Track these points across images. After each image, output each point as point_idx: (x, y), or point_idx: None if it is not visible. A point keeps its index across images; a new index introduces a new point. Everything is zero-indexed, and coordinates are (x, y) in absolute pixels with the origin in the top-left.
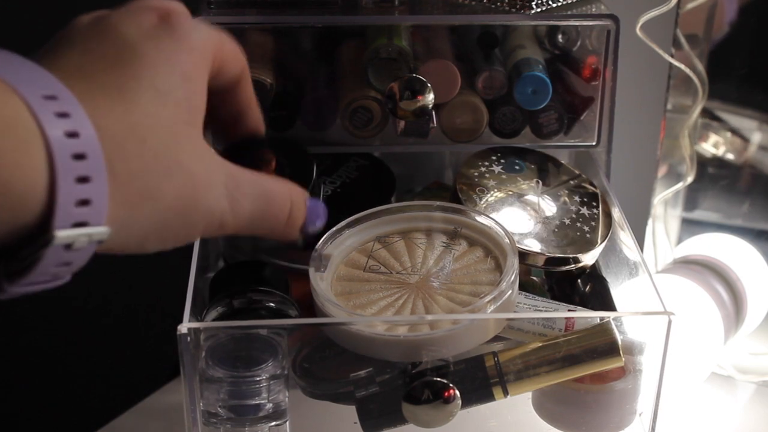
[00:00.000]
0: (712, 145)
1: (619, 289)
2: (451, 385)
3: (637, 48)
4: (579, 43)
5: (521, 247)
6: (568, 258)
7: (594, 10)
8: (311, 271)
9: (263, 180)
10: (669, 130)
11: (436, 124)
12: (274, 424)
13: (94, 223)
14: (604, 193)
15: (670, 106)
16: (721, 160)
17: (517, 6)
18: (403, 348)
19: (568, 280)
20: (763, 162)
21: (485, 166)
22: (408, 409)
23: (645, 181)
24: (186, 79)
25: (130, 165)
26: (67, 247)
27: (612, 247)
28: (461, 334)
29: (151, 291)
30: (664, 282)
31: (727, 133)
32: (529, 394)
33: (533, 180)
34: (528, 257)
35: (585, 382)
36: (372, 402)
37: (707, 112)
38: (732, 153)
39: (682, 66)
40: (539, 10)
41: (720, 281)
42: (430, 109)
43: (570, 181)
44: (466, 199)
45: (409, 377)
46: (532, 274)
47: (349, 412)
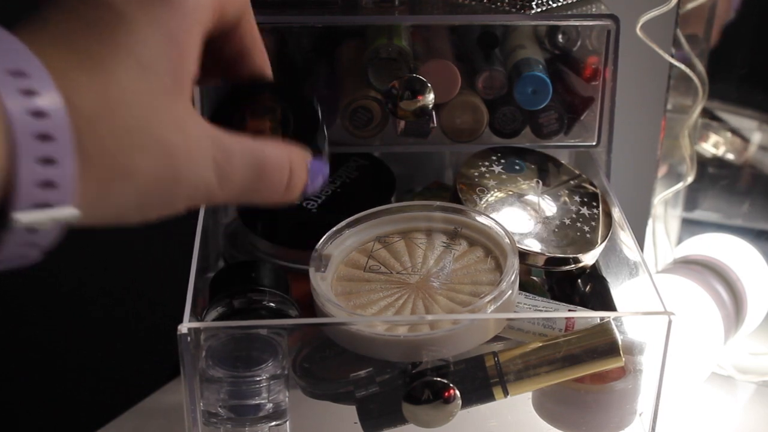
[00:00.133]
0: (712, 145)
1: (619, 289)
2: (451, 385)
3: (637, 48)
4: (579, 43)
5: (521, 247)
6: (568, 258)
7: (594, 10)
8: (311, 271)
9: (259, 147)
10: (669, 130)
11: (436, 124)
12: (274, 424)
13: (60, 204)
14: (604, 193)
15: (670, 106)
16: (721, 160)
17: (517, 6)
18: (403, 348)
19: (568, 280)
20: (763, 162)
21: (485, 166)
22: (408, 409)
23: (645, 181)
24: (174, 45)
25: (102, 143)
26: (32, 229)
27: (612, 247)
28: (461, 334)
29: (151, 291)
30: (664, 282)
31: (727, 133)
32: (529, 394)
33: (533, 180)
34: (528, 257)
35: (585, 382)
36: (372, 402)
37: (707, 112)
38: (732, 153)
39: (682, 66)
40: (539, 10)
41: (720, 281)
42: (430, 109)
43: (570, 181)
44: (466, 199)
45: (409, 377)
46: (532, 274)
47: (349, 412)
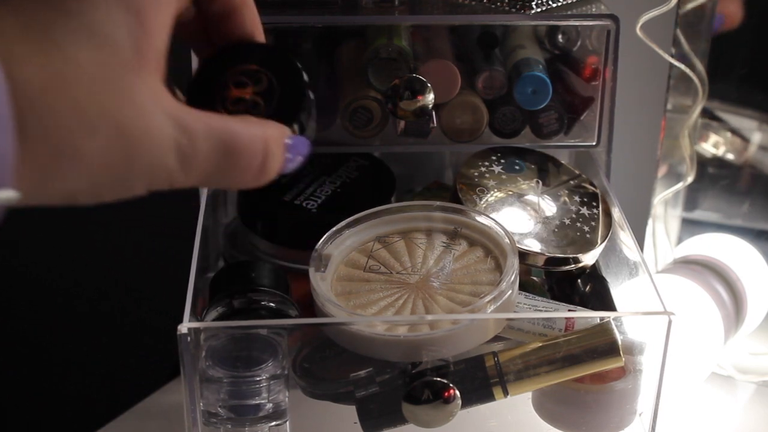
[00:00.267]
0: (712, 145)
1: (619, 289)
2: (451, 385)
3: (637, 48)
4: (579, 43)
5: (521, 247)
6: (568, 258)
7: (594, 10)
8: (311, 271)
9: (228, 128)
10: (669, 130)
11: (436, 124)
12: (274, 424)
13: None
14: (604, 193)
15: (670, 106)
16: (721, 160)
17: (517, 6)
18: (403, 348)
19: (568, 280)
20: (763, 162)
21: (485, 166)
22: (408, 409)
23: (645, 181)
24: (136, 17)
25: (47, 121)
26: None
27: (612, 247)
28: (461, 334)
29: (151, 291)
30: (664, 282)
31: (727, 133)
32: (529, 394)
33: (533, 180)
34: (528, 257)
35: (585, 382)
36: (372, 402)
37: (707, 112)
38: (732, 153)
39: (682, 66)
40: (539, 10)
41: (720, 281)
42: (430, 109)
43: (570, 181)
44: (466, 199)
45: (409, 377)
46: (532, 274)
47: (349, 412)
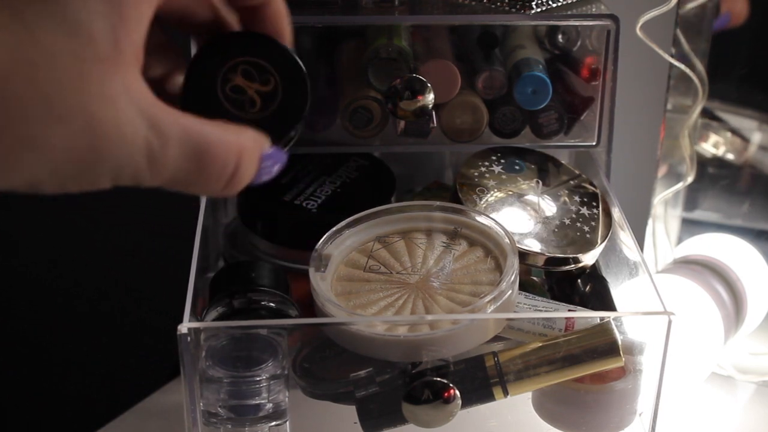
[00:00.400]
0: (712, 145)
1: (619, 289)
2: (451, 385)
3: (637, 48)
4: (579, 43)
5: (521, 247)
6: (568, 258)
7: (594, 10)
8: (311, 271)
9: (204, 134)
10: (669, 130)
11: (436, 124)
12: (274, 424)
13: None
14: (604, 193)
15: (670, 106)
16: (721, 160)
17: (517, 6)
18: (403, 348)
19: (568, 280)
20: (763, 162)
21: (485, 166)
22: (408, 409)
23: (645, 181)
24: (115, 4)
25: (10, 110)
26: None
27: (612, 247)
28: (461, 334)
29: (151, 291)
30: (664, 282)
31: (727, 133)
32: (529, 394)
33: (533, 180)
34: (528, 257)
35: (585, 382)
36: (372, 402)
37: (707, 112)
38: (732, 153)
39: (682, 66)
40: (539, 10)
41: (720, 281)
42: (430, 109)
43: (570, 181)
44: (466, 199)
45: (409, 377)
46: (532, 274)
47: (349, 412)
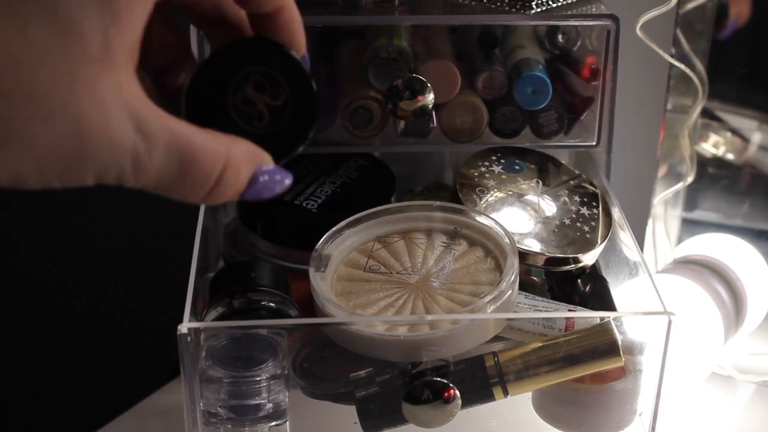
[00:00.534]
0: (712, 145)
1: (619, 289)
2: (451, 385)
3: (637, 48)
4: (579, 43)
5: (521, 247)
6: (568, 258)
7: (594, 10)
8: (311, 271)
9: (192, 143)
10: (669, 130)
11: (436, 124)
12: (274, 424)
13: None
14: (604, 193)
15: (670, 106)
16: (721, 160)
17: (517, 6)
18: (403, 348)
19: (568, 280)
20: (763, 162)
21: (485, 166)
22: (408, 409)
23: (645, 181)
24: (108, 3)
25: None
26: None
27: (612, 247)
28: (461, 334)
29: (151, 291)
30: (664, 282)
31: (727, 133)
32: (529, 394)
33: (533, 180)
34: (528, 257)
35: (585, 382)
36: (372, 402)
37: (707, 112)
38: (732, 153)
39: (682, 66)
40: (539, 10)
41: (720, 281)
42: (430, 109)
43: (570, 181)
44: (466, 199)
45: (409, 377)
46: (532, 274)
47: (349, 412)
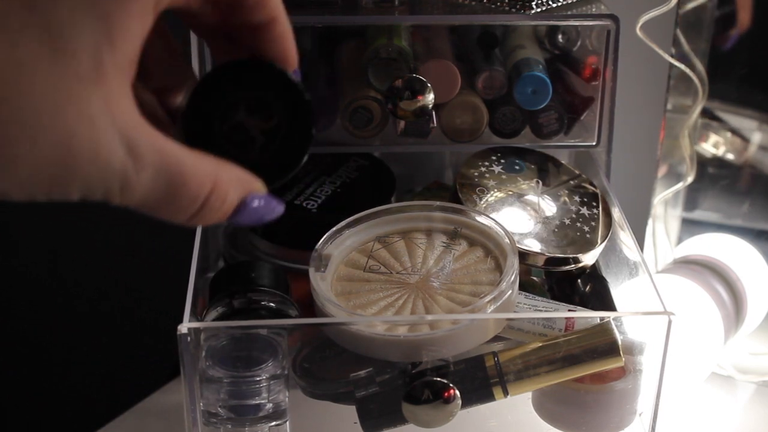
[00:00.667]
0: (712, 145)
1: (619, 289)
2: (451, 385)
3: (637, 48)
4: (579, 43)
5: (521, 247)
6: (568, 258)
7: (594, 10)
8: (311, 271)
9: (181, 165)
10: (669, 130)
11: (436, 124)
12: (274, 424)
13: None
14: (604, 193)
15: (670, 106)
16: (721, 160)
17: (517, 6)
18: (403, 348)
19: (568, 280)
20: (763, 162)
21: (485, 166)
22: (408, 409)
23: (645, 181)
24: (103, 21)
25: None
26: None
27: (612, 247)
28: (461, 334)
29: (151, 291)
30: (664, 282)
31: (727, 133)
32: (529, 394)
33: (533, 180)
34: (528, 257)
35: (585, 382)
36: (372, 402)
37: (707, 112)
38: (732, 153)
39: (682, 66)
40: (539, 10)
41: (720, 281)
42: (430, 109)
43: (570, 181)
44: (466, 199)
45: (409, 377)
46: (532, 274)
47: (349, 412)
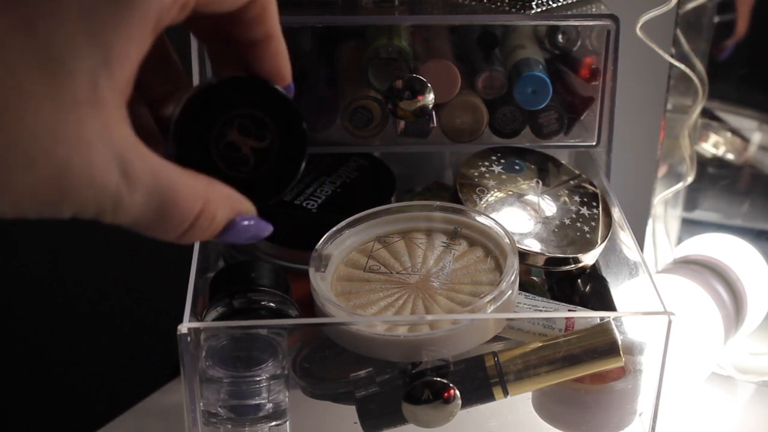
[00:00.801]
0: (712, 145)
1: (619, 289)
2: (451, 385)
3: (637, 48)
4: (579, 43)
5: (521, 247)
6: (568, 258)
7: (594, 10)
8: (311, 271)
9: (173, 185)
10: (669, 130)
11: (436, 124)
12: (274, 424)
13: None
14: (604, 193)
15: (670, 106)
16: (721, 160)
17: (517, 6)
18: (403, 348)
19: (568, 280)
20: (763, 162)
21: (485, 166)
22: (408, 409)
23: (645, 181)
24: (102, 47)
25: None
26: None
27: (612, 247)
28: (461, 334)
29: (151, 291)
30: (664, 282)
31: (727, 133)
32: (529, 394)
33: (533, 180)
34: (528, 257)
35: (585, 382)
36: (372, 402)
37: (707, 112)
38: (732, 153)
39: (682, 66)
40: (539, 10)
41: (720, 281)
42: (430, 109)
43: (570, 181)
44: (466, 199)
45: (409, 377)
46: (532, 274)
47: (349, 412)
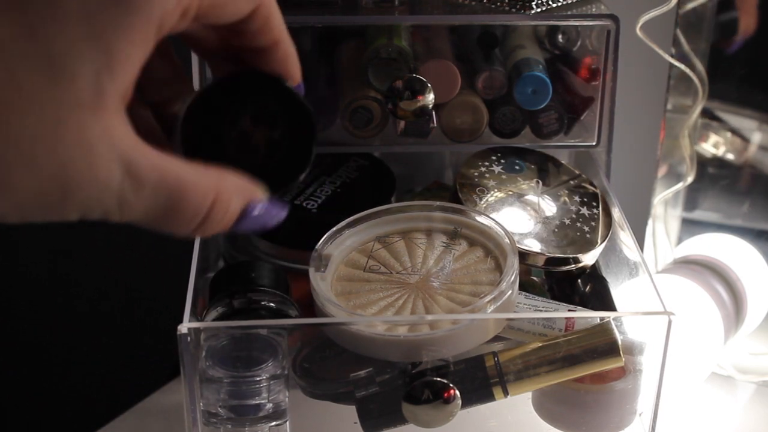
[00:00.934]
0: (712, 145)
1: (619, 289)
2: (451, 385)
3: (637, 48)
4: (579, 43)
5: (521, 247)
6: (568, 258)
7: (594, 10)
8: (311, 271)
9: (181, 180)
10: (669, 130)
11: (436, 124)
12: (274, 424)
13: None
14: (604, 193)
15: (670, 106)
16: (721, 160)
17: (517, 6)
18: (403, 348)
19: (568, 280)
20: (763, 162)
21: (485, 166)
22: (408, 409)
23: (645, 181)
24: (104, 51)
25: None
26: None
27: (612, 247)
28: (461, 334)
29: (151, 291)
30: (664, 282)
31: (727, 133)
32: (529, 394)
33: (533, 180)
34: (528, 257)
35: (585, 382)
36: (372, 402)
37: (707, 112)
38: (732, 153)
39: (682, 66)
40: (539, 10)
41: (720, 281)
42: (430, 109)
43: (570, 181)
44: (466, 199)
45: (409, 377)
46: (532, 274)
47: (349, 412)
